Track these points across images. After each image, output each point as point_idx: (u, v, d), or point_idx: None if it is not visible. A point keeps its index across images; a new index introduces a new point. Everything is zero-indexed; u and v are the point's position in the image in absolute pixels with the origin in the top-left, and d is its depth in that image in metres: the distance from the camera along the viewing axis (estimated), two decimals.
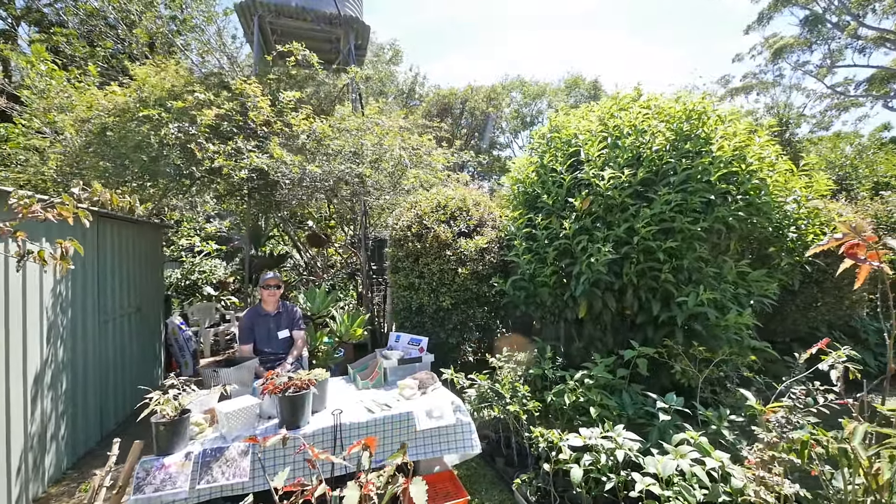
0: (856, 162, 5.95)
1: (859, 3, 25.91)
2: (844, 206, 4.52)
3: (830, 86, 30.16)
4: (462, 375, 3.04)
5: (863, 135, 16.34)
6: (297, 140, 4.12)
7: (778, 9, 28.30)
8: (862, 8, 26.14)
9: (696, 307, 3.00)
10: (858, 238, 1.81)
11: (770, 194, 3.23)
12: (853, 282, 4.47)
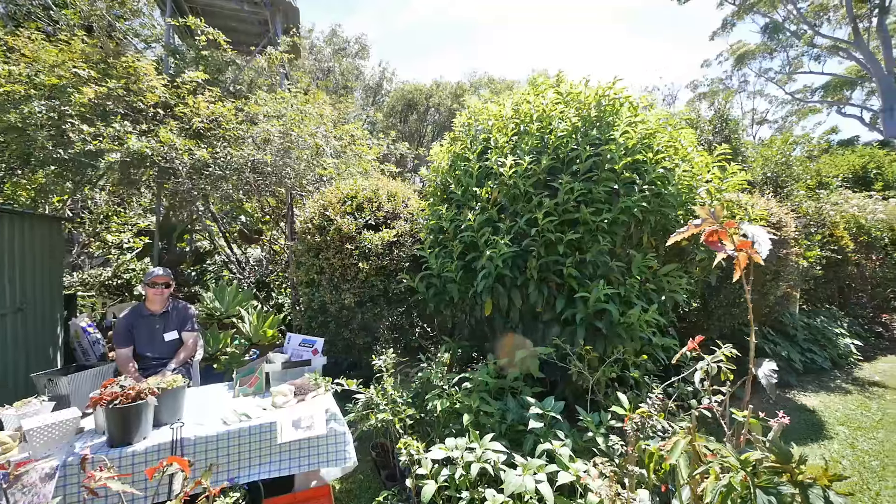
0: (790, 160, 5.96)
1: (815, 13, 27.04)
2: (768, 202, 4.47)
3: (790, 92, 31.40)
4: (353, 382, 2.76)
5: (813, 137, 16.92)
6: (193, 124, 3.75)
7: (741, 16, 29.25)
8: (818, 18, 27.28)
9: (599, 303, 2.82)
10: (717, 224, 1.63)
11: (680, 185, 3.08)
12: (777, 277, 4.42)
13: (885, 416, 3.67)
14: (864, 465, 2.89)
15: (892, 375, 4.78)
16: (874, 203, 7.04)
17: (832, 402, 4.00)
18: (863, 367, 5.10)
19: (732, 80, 32.53)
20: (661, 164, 2.92)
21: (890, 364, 5.26)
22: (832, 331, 5.44)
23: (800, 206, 5.94)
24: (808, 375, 4.79)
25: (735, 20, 29.15)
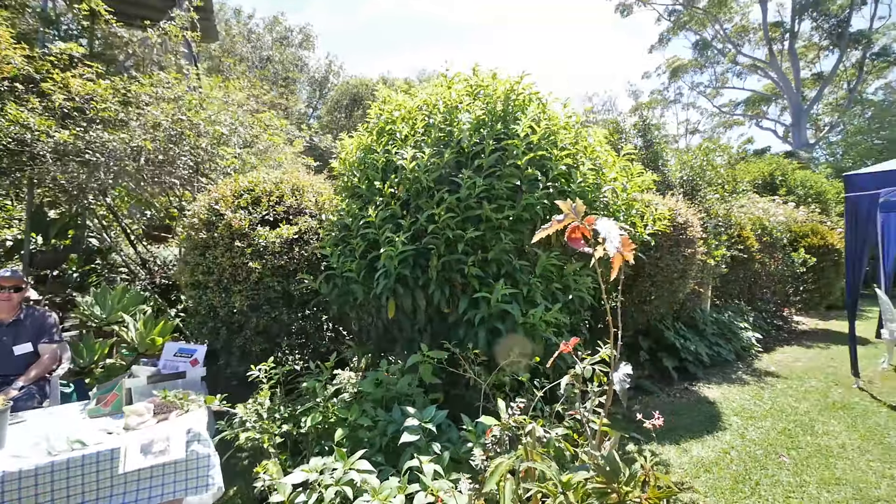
0: (704, 166, 6.31)
1: (738, 33, 29.56)
2: (678, 203, 4.66)
3: (717, 106, 34.12)
4: (215, 399, 2.45)
5: (733, 147, 18.63)
6: (56, 101, 3.23)
7: (675, 32, 31.32)
8: (740, 38, 29.83)
9: (500, 304, 2.72)
10: (578, 221, 1.54)
11: (584, 183, 3.06)
12: (684, 275, 4.60)
13: (774, 405, 3.91)
14: (749, 454, 3.02)
15: (786, 365, 5.17)
16: (776, 206, 7.68)
17: (731, 394, 4.21)
18: (762, 359, 5.49)
19: (669, 91, 34.86)
20: (563, 161, 2.87)
21: (785, 355, 5.70)
22: (737, 325, 5.81)
23: (712, 209, 6.31)
24: (714, 368, 5.05)
25: (670, 35, 31.26)
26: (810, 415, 3.68)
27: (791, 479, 2.69)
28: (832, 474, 2.74)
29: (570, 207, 1.52)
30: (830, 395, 4.13)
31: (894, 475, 2.71)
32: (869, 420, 3.53)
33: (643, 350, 4.84)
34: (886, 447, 3.07)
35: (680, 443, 3.23)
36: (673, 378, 4.65)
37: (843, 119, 22.53)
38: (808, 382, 4.51)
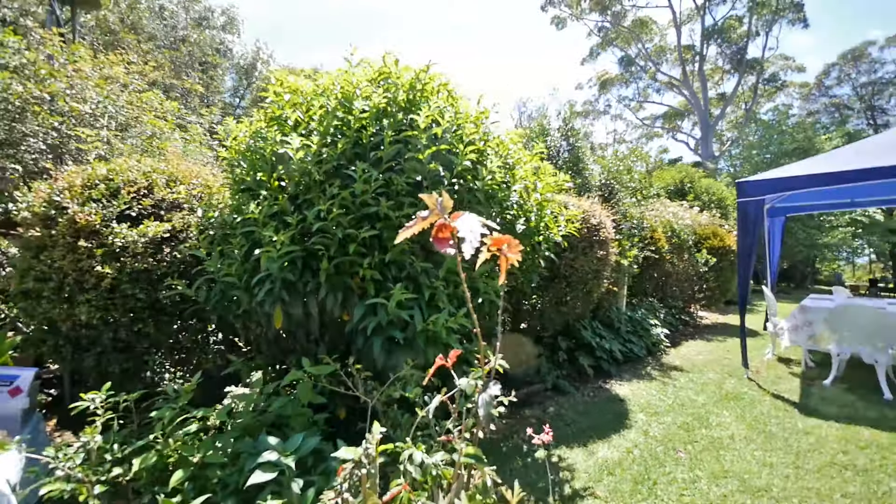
0: (621, 171, 6.59)
1: (657, 52, 32.29)
2: (592, 205, 4.76)
3: (640, 118, 37.04)
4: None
5: (651, 156, 20.49)
6: None
7: (604, 47, 33.45)
8: (659, 57, 32.59)
9: (397, 310, 2.48)
10: (443, 218, 1.34)
11: (492, 181, 2.92)
12: (598, 276, 4.70)
13: (676, 399, 4.08)
14: (650, 452, 3.06)
15: (689, 359, 5.52)
16: (684, 211, 8.29)
17: (639, 390, 4.35)
18: (669, 353, 5.82)
19: (599, 102, 37.22)
20: (467, 157, 2.70)
21: (689, 349, 6.10)
22: (649, 322, 6.12)
23: (628, 212, 6.62)
24: (627, 364, 5.25)
25: (600, 50, 33.39)
26: (707, 407, 3.87)
27: (685, 476, 2.74)
28: (721, 467, 2.84)
29: (436, 202, 1.31)
30: (725, 386, 4.42)
31: (773, 463, 2.87)
32: (755, 409, 3.79)
33: (562, 350, 4.88)
34: (768, 435, 3.28)
35: (588, 444, 3.21)
36: (589, 376, 4.74)
37: (741, 135, 25.45)
38: (707, 375, 4.81)
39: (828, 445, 3.10)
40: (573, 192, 5.54)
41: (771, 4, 26.02)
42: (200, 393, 2.37)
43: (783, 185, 4.56)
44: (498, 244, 1.54)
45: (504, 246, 1.58)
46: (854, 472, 2.72)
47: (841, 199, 6.65)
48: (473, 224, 1.20)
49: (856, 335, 4.27)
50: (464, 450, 1.45)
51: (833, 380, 4.41)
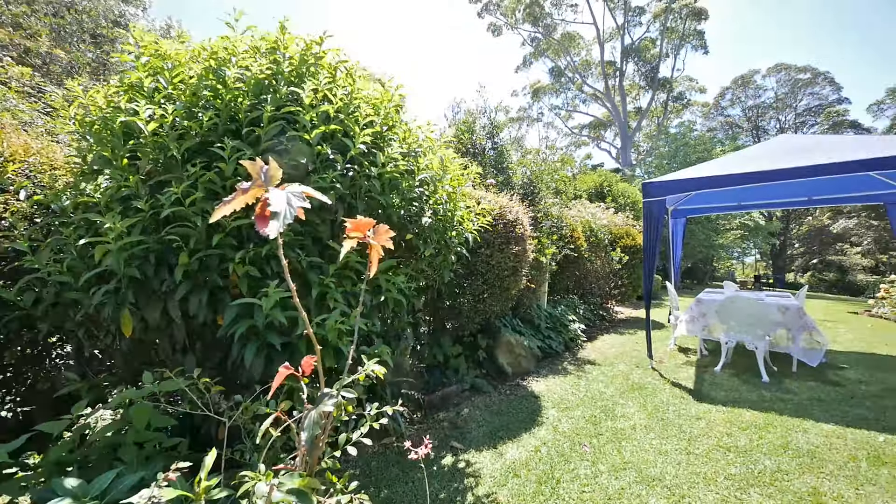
0: (542, 171, 6.72)
1: (584, 66, 34.44)
2: (511, 201, 4.74)
3: (569, 127, 39.30)
4: None
5: (577, 161, 21.89)
6: None
7: (536, 57, 34.96)
8: (585, 70, 34.79)
9: (274, 312, 2.15)
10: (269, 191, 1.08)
11: (394, 169, 2.69)
12: (516, 272, 4.68)
13: (587, 392, 4.16)
14: (558, 449, 3.03)
15: (602, 352, 5.74)
16: (602, 212, 8.75)
17: (554, 385, 4.39)
18: (586, 348, 6.03)
19: (532, 110, 38.92)
20: (361, 140, 2.44)
21: (604, 342, 6.38)
22: (567, 318, 6.30)
23: (549, 211, 6.78)
24: (546, 360, 5.32)
25: (532, 60, 34.91)
26: (614, 399, 3.99)
27: (588, 471, 2.73)
28: (622, 459, 2.87)
29: (260, 170, 1.04)
30: (631, 377, 4.62)
31: (668, 451, 2.96)
32: (656, 398, 3.97)
33: (481, 349, 4.80)
34: (665, 423, 3.42)
35: (498, 445, 3.11)
36: (508, 374, 4.71)
37: (654, 146, 28.04)
38: (617, 367, 5.01)
39: (715, 429, 3.29)
40: (494, 188, 5.52)
41: (678, 30, 29.01)
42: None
43: (681, 186, 4.89)
44: (360, 228, 1.32)
45: (369, 231, 1.36)
46: (736, 454, 2.89)
47: (730, 203, 7.41)
48: (291, 195, 0.95)
49: (740, 325, 4.68)
50: (289, 483, 1.18)
51: (722, 366, 4.80)
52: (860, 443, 3.00)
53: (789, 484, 2.52)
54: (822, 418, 3.44)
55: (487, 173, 6.28)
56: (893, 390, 4.08)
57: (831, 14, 57.33)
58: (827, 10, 57.30)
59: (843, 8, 56.32)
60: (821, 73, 31.74)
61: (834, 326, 7.74)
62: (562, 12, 32.62)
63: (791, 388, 4.15)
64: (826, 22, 58.19)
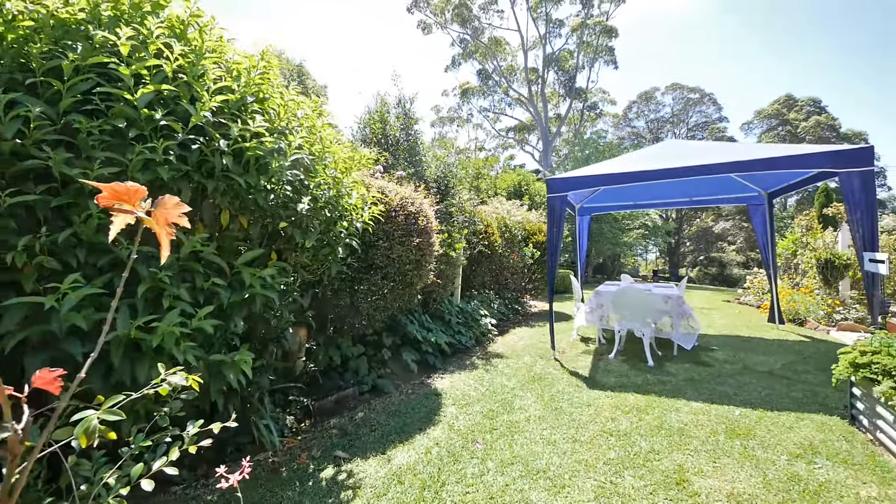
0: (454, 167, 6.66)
1: (509, 71, 35.73)
2: (416, 192, 4.57)
3: (497, 129, 40.57)
4: None
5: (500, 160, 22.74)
6: None
7: (465, 58, 35.49)
8: (511, 75, 36.11)
9: (75, 312, 1.70)
10: None
11: (260, 145, 2.33)
12: (420, 267, 4.51)
13: (490, 387, 4.12)
14: (449, 448, 2.89)
15: (511, 345, 5.83)
16: (517, 209, 8.99)
17: (459, 381, 4.30)
18: (497, 341, 6.08)
19: (462, 111, 39.57)
20: (207, 107, 2.06)
21: (514, 335, 6.50)
22: (479, 312, 6.31)
23: (463, 206, 6.74)
24: (456, 356, 5.24)
25: (461, 60, 35.43)
26: (515, 391, 3.99)
27: (476, 469, 2.62)
28: (511, 453, 2.81)
29: None
30: (534, 368, 4.70)
31: (556, 440, 2.97)
32: (553, 388, 4.05)
33: (386, 347, 4.56)
34: (558, 412, 3.47)
35: (388, 450, 2.89)
36: (413, 372, 4.53)
37: (571, 151, 30.01)
38: (523, 359, 5.09)
39: (602, 414, 3.40)
40: (406, 180, 5.30)
41: (592, 45, 31.37)
42: None
43: (580, 182, 5.10)
44: (121, 196, 1.00)
45: (143, 203, 1.04)
46: (617, 438, 2.99)
47: (627, 202, 8.02)
48: None
49: (630, 313, 5.00)
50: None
51: (615, 353, 5.10)
52: (721, 417, 3.29)
53: (659, 463, 2.63)
54: (693, 397, 3.74)
55: (399, 165, 6.05)
56: (750, 368, 4.62)
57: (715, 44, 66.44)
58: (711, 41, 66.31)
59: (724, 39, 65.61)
60: (707, 94, 36.50)
61: (710, 313, 8.78)
62: (489, 17, 33.57)
63: (671, 371, 4.50)
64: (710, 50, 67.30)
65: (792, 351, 5.33)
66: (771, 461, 2.62)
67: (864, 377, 2.93)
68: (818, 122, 30.75)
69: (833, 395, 3.67)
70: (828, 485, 2.36)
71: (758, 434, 2.99)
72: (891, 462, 2.59)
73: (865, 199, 3.76)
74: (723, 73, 66.63)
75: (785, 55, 64.08)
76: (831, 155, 3.93)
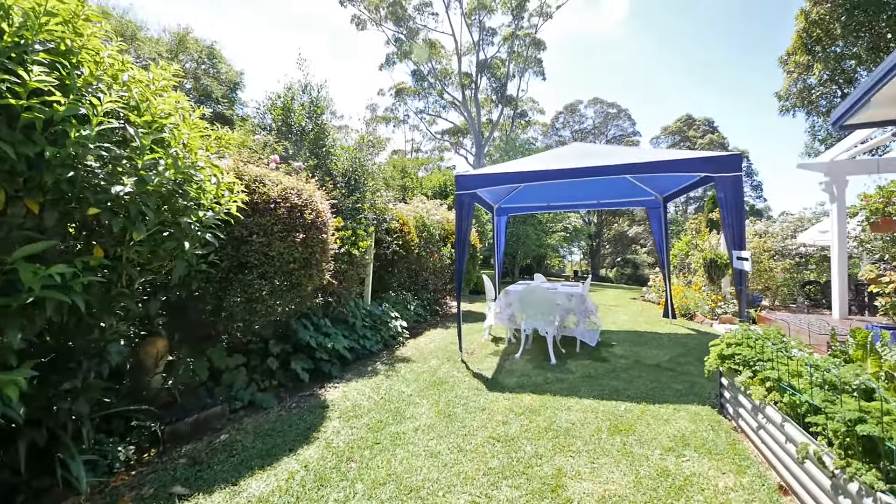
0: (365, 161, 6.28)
1: (443, 74, 35.96)
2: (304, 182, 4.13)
3: (433, 132, 40.63)
4: None
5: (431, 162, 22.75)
6: None
7: (401, 58, 35.09)
8: (445, 78, 36.37)
9: None
10: None
11: (40, 106, 1.80)
12: (308, 265, 3.97)
13: (387, 394, 3.82)
14: (318, 471, 2.53)
15: (422, 348, 5.58)
16: (436, 208, 8.82)
17: (353, 390, 3.94)
18: (407, 345, 5.80)
19: (399, 111, 39.05)
20: None
21: (428, 337, 6.26)
22: (390, 315, 5.99)
23: (374, 203, 6.38)
24: (358, 362, 4.86)
25: (396, 59, 34.95)
26: (412, 398, 3.73)
27: (341, 495, 2.29)
28: (388, 471, 2.53)
29: None
30: (439, 372, 4.49)
31: (440, 451, 2.75)
32: (452, 392, 3.85)
33: (273, 356, 4.06)
34: (451, 419, 3.26)
35: (242, 480, 2.45)
36: (305, 382, 4.08)
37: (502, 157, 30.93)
38: (429, 362, 4.86)
39: (494, 418, 3.26)
40: (305, 172, 4.83)
41: (522, 55, 32.68)
42: None
43: (489, 179, 5.02)
44: None
45: None
46: (503, 444, 2.84)
47: (541, 203, 8.23)
48: None
49: (536, 312, 5.00)
50: None
51: (522, 353, 5.07)
52: (607, 414, 3.30)
53: (539, 469, 2.51)
54: (586, 394, 3.76)
55: (301, 156, 5.54)
56: (641, 362, 4.83)
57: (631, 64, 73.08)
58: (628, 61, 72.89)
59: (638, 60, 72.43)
60: (623, 110, 39.80)
61: (616, 310, 9.33)
62: (424, 18, 33.50)
63: (571, 368, 4.55)
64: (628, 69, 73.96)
65: (679, 344, 5.72)
66: (645, 457, 2.62)
67: (729, 368, 3.09)
68: (712, 140, 34.98)
69: (708, 386, 3.90)
70: (692, 478, 2.38)
71: (638, 429, 3.02)
72: (748, 448, 2.72)
73: (735, 202, 4.06)
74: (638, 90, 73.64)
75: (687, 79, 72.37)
76: (708, 160, 4.21)
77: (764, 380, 2.64)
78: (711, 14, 61.56)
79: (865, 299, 7.22)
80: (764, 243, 8.19)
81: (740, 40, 60.06)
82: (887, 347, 2.75)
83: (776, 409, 2.43)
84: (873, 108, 4.18)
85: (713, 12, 60.73)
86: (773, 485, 2.28)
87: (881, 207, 5.08)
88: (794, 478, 2.18)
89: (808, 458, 2.01)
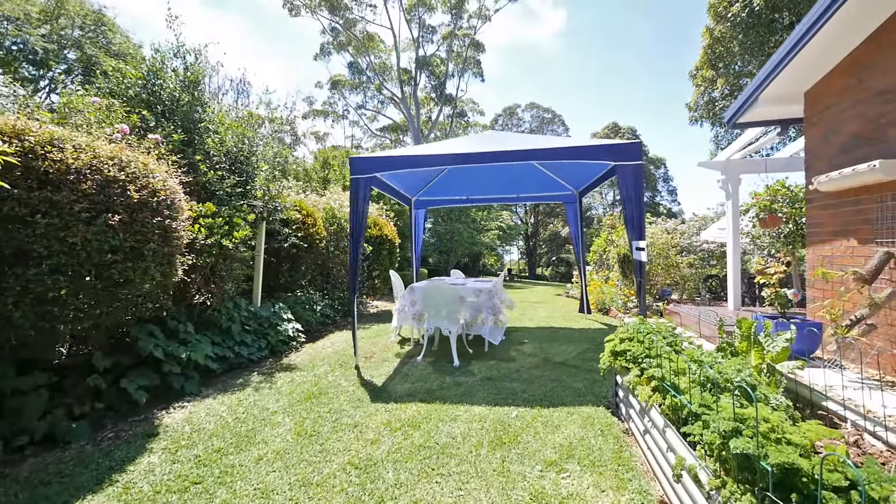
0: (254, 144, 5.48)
1: (381, 69, 34.95)
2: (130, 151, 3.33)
3: (372, 129, 39.41)
4: None
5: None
6: None
7: (337, 49, 33.56)
8: (384, 73, 35.39)
9: None
10: None
11: None
12: (139, 258, 3.12)
13: (245, 413, 3.15)
14: None
15: (315, 354, 4.92)
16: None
17: (203, 409, 3.21)
18: (302, 350, 5.10)
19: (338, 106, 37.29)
20: None
21: (329, 341, 5.59)
22: (282, 317, 5.25)
23: (267, 188, 5.59)
24: (230, 373, 4.10)
25: (332, 50, 33.36)
26: (275, 416, 3.09)
27: None
28: None
29: None
30: (322, 381, 3.87)
31: (277, 488, 2.16)
32: (327, 406, 3.26)
33: (99, 373, 3.20)
34: (310, 441, 2.67)
35: None
36: (140, 404, 3.26)
37: None
38: (317, 370, 4.23)
39: (364, 437, 2.73)
40: (164, 149, 3.96)
41: (462, 56, 32.73)
42: None
43: (386, 163, 4.51)
44: None
45: None
46: (362, 471, 2.32)
47: (460, 196, 7.90)
48: None
49: (440, 310, 4.57)
50: None
51: (424, 355, 4.61)
52: (495, 423, 2.91)
53: (394, 503, 2.03)
54: (480, 399, 3.36)
55: (166, 128, 4.62)
56: (548, 359, 4.58)
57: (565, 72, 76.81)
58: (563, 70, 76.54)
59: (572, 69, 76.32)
60: (557, 115, 41.49)
61: (536, 307, 9.28)
62: (362, 10, 32.31)
63: (472, 370, 4.16)
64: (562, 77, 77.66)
65: (589, 339, 5.61)
66: (522, 476, 2.24)
67: (622, 365, 2.84)
68: None
69: (606, 383, 3.70)
70: (568, 500, 2.03)
71: (523, 440, 2.66)
72: (636, 455, 2.45)
73: (635, 192, 3.91)
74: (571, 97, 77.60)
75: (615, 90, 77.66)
76: (609, 147, 4.04)
77: (650, 379, 2.38)
78: (638, 29, 66.62)
79: (756, 291, 7.75)
80: (671, 239, 8.56)
81: (663, 55, 65.58)
82: (770, 338, 2.63)
83: (660, 413, 2.16)
84: (761, 105, 4.28)
85: (640, 28, 65.73)
86: (654, 502, 1.99)
87: (768, 205, 5.32)
88: (675, 493, 1.90)
89: (685, 472, 1.72)
